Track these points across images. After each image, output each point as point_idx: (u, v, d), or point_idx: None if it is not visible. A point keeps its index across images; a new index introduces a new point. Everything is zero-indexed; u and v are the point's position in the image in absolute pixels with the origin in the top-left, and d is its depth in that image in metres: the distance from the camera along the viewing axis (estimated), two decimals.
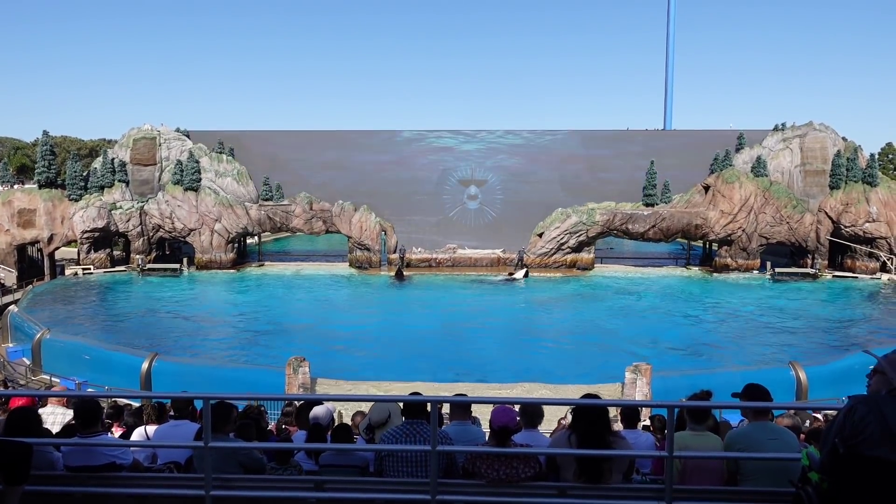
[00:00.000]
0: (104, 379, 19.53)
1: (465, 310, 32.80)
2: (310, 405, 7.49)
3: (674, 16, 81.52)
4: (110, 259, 43.81)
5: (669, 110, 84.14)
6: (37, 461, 4.34)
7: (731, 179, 42.97)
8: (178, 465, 5.71)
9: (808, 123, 45.34)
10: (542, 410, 5.71)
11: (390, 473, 4.78)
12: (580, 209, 44.03)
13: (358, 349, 25.46)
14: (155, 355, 20.60)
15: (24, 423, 4.70)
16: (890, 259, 41.22)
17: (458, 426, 5.49)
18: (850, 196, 42.18)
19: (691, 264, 46.84)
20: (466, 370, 22.06)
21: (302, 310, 33.73)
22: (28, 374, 22.57)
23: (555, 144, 46.70)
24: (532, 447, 4.84)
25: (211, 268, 43.47)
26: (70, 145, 66.23)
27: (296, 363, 19.05)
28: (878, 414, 2.98)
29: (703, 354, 25.43)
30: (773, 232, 42.71)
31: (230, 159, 46.25)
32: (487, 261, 44.86)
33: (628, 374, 18.45)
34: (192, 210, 43.76)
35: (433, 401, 4.55)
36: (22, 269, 41.54)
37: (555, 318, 31.97)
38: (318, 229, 45.54)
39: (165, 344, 25.34)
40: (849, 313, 33.03)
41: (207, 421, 4.53)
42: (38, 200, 42.05)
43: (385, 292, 38.97)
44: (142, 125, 46.67)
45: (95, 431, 4.96)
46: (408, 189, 46.21)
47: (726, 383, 9.07)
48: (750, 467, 4.61)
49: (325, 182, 45.75)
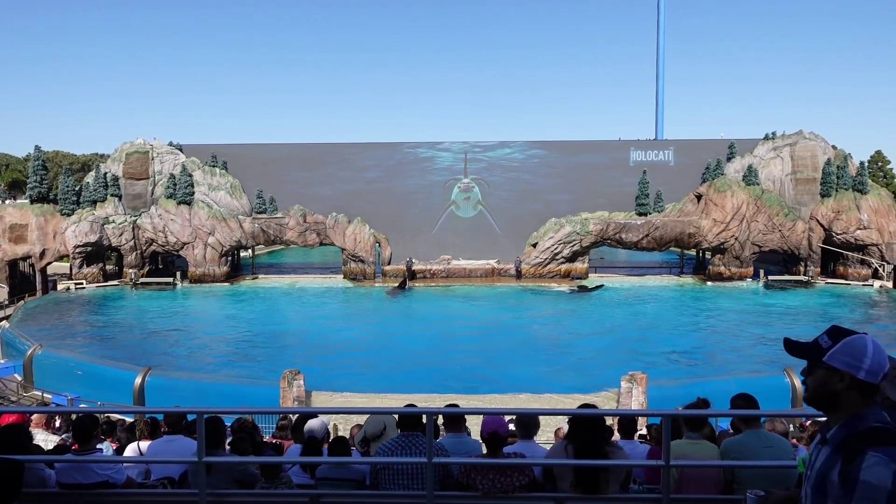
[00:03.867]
0: (97, 394, 19.33)
1: (460, 321, 32.74)
2: (305, 418, 7.45)
3: (664, 27, 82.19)
4: (103, 274, 43.58)
5: (661, 120, 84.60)
6: (28, 478, 4.30)
7: (723, 188, 43.23)
8: (172, 480, 5.66)
9: (797, 132, 45.73)
10: (537, 421, 5.69)
11: (386, 486, 4.75)
12: (574, 219, 44.16)
13: (353, 362, 25.35)
14: (148, 370, 20.45)
15: (14, 440, 4.66)
16: (881, 265, 41.47)
17: (454, 438, 5.47)
18: (840, 204, 42.50)
19: (685, 273, 46.99)
20: (461, 382, 21.99)
21: (296, 323, 33.61)
22: (20, 390, 22.36)
23: (548, 155, 46.86)
24: (528, 458, 4.83)
25: (205, 281, 43.31)
26: (62, 160, 66.05)
27: (290, 376, 18.94)
28: None
29: (699, 363, 25.45)
30: (766, 240, 42.94)
31: (223, 173, 46.22)
32: (482, 271, 44.87)
33: (624, 383, 18.42)
34: (186, 224, 43.64)
35: (428, 412, 4.54)
36: (13, 284, 41.27)
37: (549, 328, 31.94)
38: (311, 242, 45.48)
39: (159, 358, 25.15)
40: (842, 320, 33.15)
41: (201, 436, 4.50)
42: (29, 215, 41.85)
43: (380, 304, 38.89)
44: (134, 139, 46.60)
45: (90, 449, 4.93)
46: (401, 201, 46.24)
47: (722, 391, 9.09)
48: (746, 475, 4.62)
49: (319, 194, 45.74)
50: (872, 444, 2.17)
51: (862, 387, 2.30)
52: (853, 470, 2.16)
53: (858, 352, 2.31)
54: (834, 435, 2.32)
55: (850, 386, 2.31)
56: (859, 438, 2.22)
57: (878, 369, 2.30)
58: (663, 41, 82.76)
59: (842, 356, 2.32)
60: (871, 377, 2.29)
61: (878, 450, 2.15)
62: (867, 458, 2.14)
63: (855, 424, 2.28)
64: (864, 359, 2.29)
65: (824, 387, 2.35)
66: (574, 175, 46.20)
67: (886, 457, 2.12)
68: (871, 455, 2.14)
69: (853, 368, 2.29)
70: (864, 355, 2.30)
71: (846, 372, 2.30)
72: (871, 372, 2.29)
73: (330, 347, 27.77)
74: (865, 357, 2.29)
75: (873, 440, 2.19)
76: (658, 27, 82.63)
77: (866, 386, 2.30)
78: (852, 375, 2.30)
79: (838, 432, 2.30)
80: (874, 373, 2.30)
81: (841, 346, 2.33)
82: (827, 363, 2.33)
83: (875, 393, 2.34)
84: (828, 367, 2.33)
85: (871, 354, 2.30)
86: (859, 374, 2.29)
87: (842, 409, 2.34)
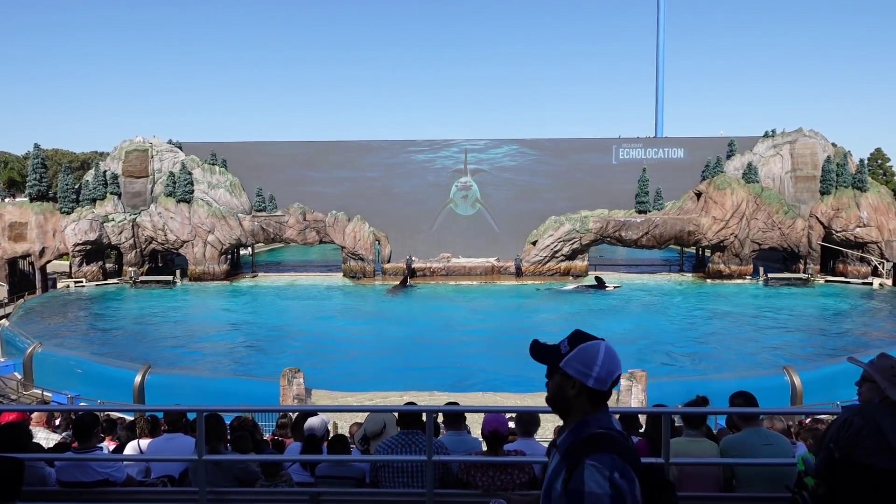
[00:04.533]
0: (97, 392, 19.34)
1: (460, 319, 32.76)
2: (305, 417, 7.46)
3: (663, 25, 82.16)
4: (102, 272, 43.57)
5: (661, 118, 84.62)
6: (28, 476, 4.30)
7: (722, 186, 43.22)
8: (173, 478, 5.67)
9: (797, 129, 45.70)
10: (537, 419, 5.70)
11: (386, 484, 4.76)
12: (573, 217, 44.15)
13: (353, 359, 25.37)
14: (148, 368, 20.44)
15: (14, 439, 4.66)
16: (881, 263, 41.49)
17: (454, 436, 5.48)
18: (840, 201, 42.50)
19: (685, 271, 46.98)
20: (461, 379, 22.01)
21: (296, 320, 33.59)
22: (19, 388, 22.38)
23: (547, 152, 46.82)
24: (528, 455, 4.83)
25: (204, 279, 43.31)
26: (62, 158, 66.03)
27: (290, 374, 18.95)
28: (873, 425, 2.99)
29: (699, 360, 25.46)
30: (766, 237, 42.94)
31: (223, 170, 46.19)
32: (482, 269, 44.88)
33: (623, 380, 18.42)
34: (185, 222, 43.63)
35: (428, 410, 4.54)
36: (13, 282, 41.26)
37: (549, 326, 31.95)
38: (311, 239, 45.47)
39: (159, 356, 25.15)
40: (842, 317, 33.20)
41: (201, 434, 4.50)
42: (29, 214, 41.83)
43: (380, 302, 38.90)
44: (134, 137, 46.55)
45: (90, 447, 4.93)
46: (400, 199, 46.22)
47: (722, 389, 9.09)
48: (745, 473, 4.63)
49: (319, 192, 45.71)
50: (589, 452, 2.19)
51: (591, 394, 2.31)
52: (574, 481, 2.16)
53: (589, 359, 2.31)
54: (562, 441, 2.33)
55: (580, 392, 2.31)
56: (579, 446, 2.23)
57: (606, 377, 2.30)
58: (663, 39, 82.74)
59: (574, 363, 2.32)
60: (600, 385, 2.30)
61: (593, 457, 2.16)
62: (585, 467, 2.15)
63: (580, 431, 2.29)
64: (594, 367, 2.30)
65: (559, 392, 2.36)
66: (574, 173, 46.17)
67: (601, 464, 2.14)
68: (588, 464, 2.15)
69: (583, 376, 2.30)
70: (595, 363, 2.30)
71: (577, 379, 2.31)
72: (600, 380, 2.30)
73: (330, 345, 27.77)
74: (595, 365, 2.30)
75: (591, 447, 2.20)
76: (658, 25, 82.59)
77: (595, 393, 2.31)
78: (582, 382, 2.30)
79: (566, 439, 2.31)
80: (603, 381, 2.30)
81: (575, 352, 2.33)
82: (562, 369, 2.33)
83: (604, 399, 2.35)
84: (563, 373, 2.33)
85: (601, 363, 2.30)
86: (588, 381, 2.30)
87: (572, 415, 2.35)
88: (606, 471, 2.13)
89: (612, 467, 2.14)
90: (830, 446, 3.09)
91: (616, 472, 2.13)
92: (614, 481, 2.12)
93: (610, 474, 2.12)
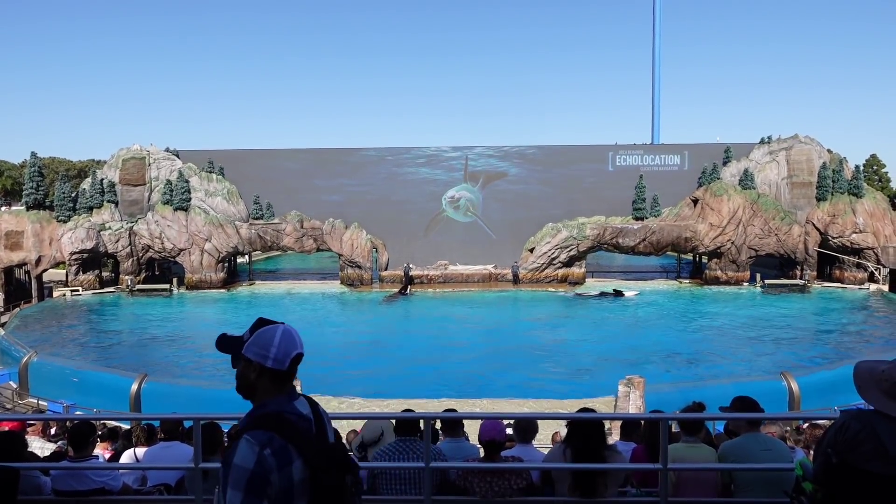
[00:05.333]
0: (93, 401, 19.25)
1: (457, 326, 32.71)
2: None
3: (659, 32, 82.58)
4: (99, 280, 43.46)
5: (657, 124, 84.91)
6: (23, 486, 4.28)
7: (719, 192, 43.34)
8: (169, 487, 5.64)
9: (793, 136, 45.91)
10: (535, 425, 5.70)
11: (384, 491, 4.74)
12: (570, 224, 44.20)
13: (350, 367, 25.31)
14: (144, 376, 20.35)
15: (9, 448, 4.64)
16: (877, 269, 41.61)
17: (452, 443, 5.47)
18: (836, 207, 42.66)
19: (682, 277, 47.04)
20: (459, 386, 21.95)
21: (293, 328, 33.47)
22: (15, 397, 22.25)
23: (544, 160, 46.94)
24: (525, 462, 4.82)
25: (201, 287, 43.21)
26: (59, 166, 66.04)
27: None
28: (870, 431, 2.99)
29: (697, 367, 25.46)
30: (762, 244, 43.05)
31: (220, 178, 46.19)
32: (479, 276, 44.89)
33: (621, 387, 18.40)
34: (182, 230, 43.58)
35: (426, 417, 4.54)
36: (9, 291, 41.11)
37: (546, 332, 31.94)
38: (308, 247, 45.43)
39: (155, 365, 25.07)
40: (839, 323, 33.26)
41: (198, 442, 4.49)
42: (25, 222, 41.73)
43: (377, 309, 38.85)
44: (131, 145, 46.58)
45: (86, 456, 4.90)
46: (398, 206, 46.25)
47: (720, 395, 9.08)
48: (744, 478, 4.62)
49: (316, 200, 45.72)
50: (250, 429, 2.28)
51: (272, 375, 2.40)
52: (229, 452, 2.25)
53: (266, 342, 2.41)
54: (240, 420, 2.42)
55: (260, 374, 2.40)
56: (245, 423, 2.33)
57: (283, 357, 2.40)
58: (659, 46, 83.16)
59: (253, 347, 2.42)
60: (278, 365, 2.40)
61: (250, 433, 2.26)
62: (241, 440, 2.24)
63: (256, 411, 2.38)
64: (271, 348, 2.39)
65: (243, 378, 2.44)
66: (570, 179, 46.27)
67: (254, 439, 2.22)
68: (245, 438, 2.24)
69: (262, 358, 2.39)
70: (271, 345, 2.40)
71: (257, 362, 2.40)
72: (278, 360, 2.40)
73: (327, 353, 27.67)
74: (272, 346, 2.40)
75: (253, 425, 2.29)
76: (654, 32, 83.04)
77: (275, 373, 2.40)
78: (262, 364, 2.39)
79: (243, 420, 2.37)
80: (280, 361, 2.40)
81: (253, 338, 2.44)
82: (244, 355, 2.42)
83: (287, 380, 2.44)
84: (245, 359, 2.42)
85: (277, 344, 2.41)
86: (267, 362, 2.39)
87: (257, 398, 2.43)
88: (257, 447, 2.21)
89: (265, 444, 2.21)
90: (828, 451, 3.09)
91: (268, 448, 2.21)
92: (262, 457, 2.19)
93: (260, 450, 2.20)
